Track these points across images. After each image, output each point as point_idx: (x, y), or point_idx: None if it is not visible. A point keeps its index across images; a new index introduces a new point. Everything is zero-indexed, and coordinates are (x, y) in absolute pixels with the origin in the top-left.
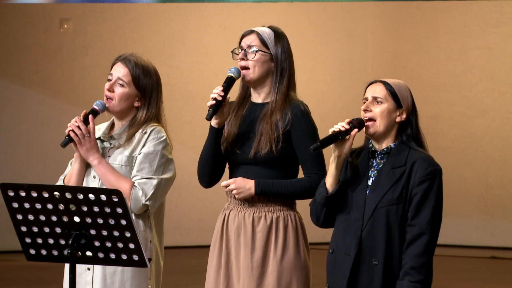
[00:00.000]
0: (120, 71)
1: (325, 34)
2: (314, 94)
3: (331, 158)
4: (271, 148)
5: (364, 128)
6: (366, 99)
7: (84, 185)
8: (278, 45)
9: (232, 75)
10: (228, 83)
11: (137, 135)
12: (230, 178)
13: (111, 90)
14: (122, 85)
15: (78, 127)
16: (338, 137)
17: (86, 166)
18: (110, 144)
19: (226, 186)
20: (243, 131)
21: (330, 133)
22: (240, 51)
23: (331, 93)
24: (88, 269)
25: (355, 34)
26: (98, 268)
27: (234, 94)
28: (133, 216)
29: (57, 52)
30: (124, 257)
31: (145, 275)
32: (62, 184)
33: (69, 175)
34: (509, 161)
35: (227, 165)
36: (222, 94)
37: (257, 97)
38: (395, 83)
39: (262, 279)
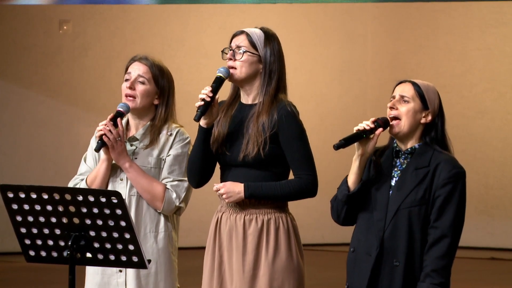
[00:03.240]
0: (139, 69)
1: (325, 35)
2: (313, 95)
3: (354, 156)
4: (258, 151)
5: (388, 127)
6: (394, 97)
7: (110, 187)
8: (267, 47)
9: (221, 75)
10: (217, 83)
11: (162, 136)
12: (221, 179)
13: (132, 88)
14: (143, 82)
15: (110, 131)
16: (362, 136)
17: (111, 169)
18: (132, 145)
19: (217, 190)
20: (232, 132)
21: (354, 131)
22: (229, 51)
23: (330, 93)
24: (120, 271)
25: (355, 35)
26: (131, 269)
27: (225, 94)
28: (162, 218)
29: (57, 54)
30: (123, 258)
31: (175, 275)
32: (80, 182)
33: (93, 177)
34: (508, 162)
35: (218, 166)
36: (211, 95)
37: (246, 98)
38: (424, 85)
39: (254, 282)
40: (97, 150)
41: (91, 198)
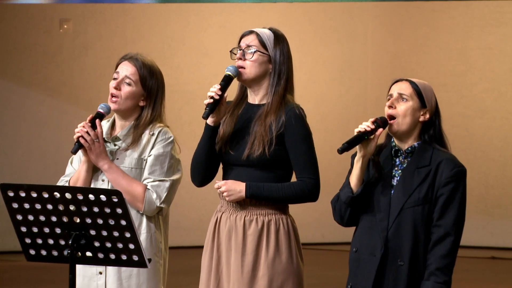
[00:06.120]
0: (127, 69)
1: (325, 35)
2: (314, 94)
3: (356, 158)
4: (264, 150)
5: (387, 126)
6: (391, 96)
7: None
8: (277, 47)
9: (229, 73)
10: (226, 82)
11: (145, 136)
12: (223, 179)
13: (117, 88)
14: (129, 84)
15: (87, 132)
16: (364, 137)
17: (93, 170)
18: (115, 145)
19: (218, 188)
20: (238, 131)
21: (355, 133)
22: (238, 50)
23: (331, 93)
24: (100, 272)
25: (355, 34)
26: (111, 272)
27: (232, 93)
28: (144, 219)
29: (57, 53)
30: (124, 257)
31: (159, 277)
32: (64, 184)
33: (75, 179)
34: (509, 161)
35: (221, 165)
36: (220, 93)
37: (254, 98)
38: (421, 83)
39: (253, 283)
40: (73, 152)
41: (92, 197)
